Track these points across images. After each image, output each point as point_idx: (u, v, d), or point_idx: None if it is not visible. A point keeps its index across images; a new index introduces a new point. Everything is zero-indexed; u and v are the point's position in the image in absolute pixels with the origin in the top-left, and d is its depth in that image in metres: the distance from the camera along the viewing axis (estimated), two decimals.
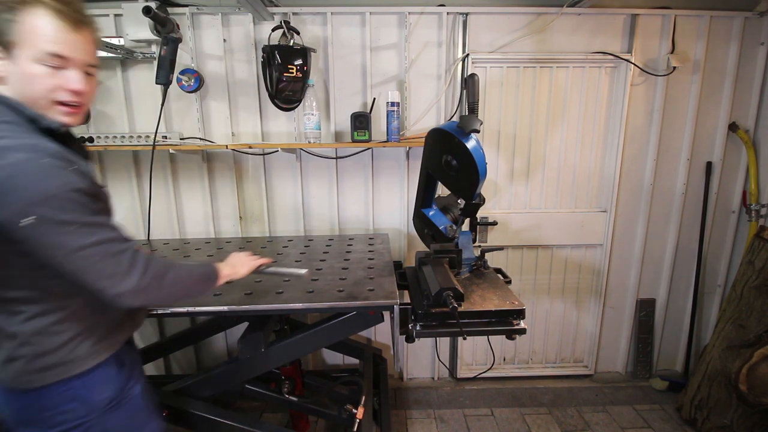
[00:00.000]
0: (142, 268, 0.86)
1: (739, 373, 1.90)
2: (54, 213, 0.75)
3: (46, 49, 0.80)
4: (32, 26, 0.78)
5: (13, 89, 0.81)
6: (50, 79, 0.82)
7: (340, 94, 2.16)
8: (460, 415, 2.23)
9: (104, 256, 0.81)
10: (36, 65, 0.80)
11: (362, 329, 1.51)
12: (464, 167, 1.31)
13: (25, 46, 0.79)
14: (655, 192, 2.31)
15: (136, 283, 0.85)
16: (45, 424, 0.90)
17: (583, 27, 2.11)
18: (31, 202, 0.73)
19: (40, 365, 0.87)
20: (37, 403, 0.89)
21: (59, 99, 0.84)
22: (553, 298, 2.47)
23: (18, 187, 0.72)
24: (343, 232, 2.31)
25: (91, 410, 0.92)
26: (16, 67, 0.80)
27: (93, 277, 0.81)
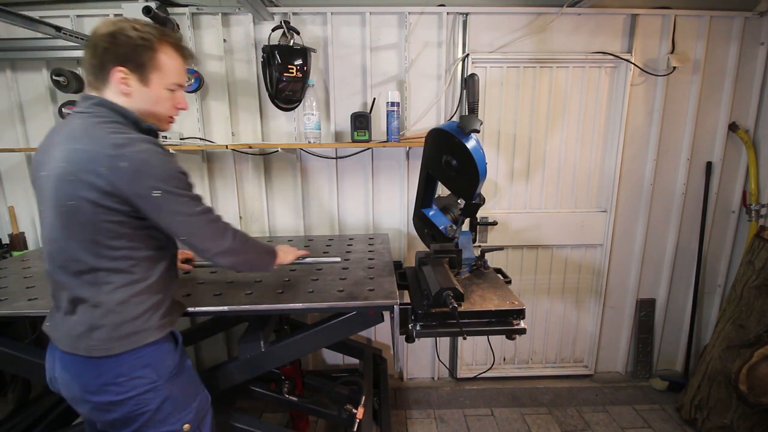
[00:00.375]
0: (232, 232, 1.11)
1: (739, 373, 1.90)
2: (174, 188, 0.96)
3: (174, 80, 1.04)
4: (166, 61, 1.01)
5: (137, 104, 1.01)
6: (171, 101, 1.07)
7: (340, 94, 2.16)
8: (460, 415, 2.23)
9: (208, 222, 1.04)
10: (164, 90, 1.03)
11: (362, 329, 1.51)
12: (464, 167, 1.31)
13: (159, 75, 1.01)
14: (655, 192, 2.31)
15: (230, 244, 1.09)
16: (120, 389, 1.00)
17: (583, 27, 2.11)
18: (161, 179, 0.93)
19: (121, 333, 0.99)
20: (115, 368, 0.99)
21: (172, 114, 1.10)
22: (553, 298, 2.47)
23: (151, 167, 0.92)
24: (343, 231, 2.31)
25: (160, 376, 1.04)
26: (147, 88, 1.01)
27: (200, 238, 1.03)
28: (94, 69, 0.98)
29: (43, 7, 2.02)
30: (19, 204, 2.23)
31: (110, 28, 0.96)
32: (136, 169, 0.90)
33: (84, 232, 0.94)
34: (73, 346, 0.99)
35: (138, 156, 0.91)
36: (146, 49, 0.97)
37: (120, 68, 0.96)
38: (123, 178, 0.90)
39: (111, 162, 0.89)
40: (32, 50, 2.01)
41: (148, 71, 0.99)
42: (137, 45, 0.96)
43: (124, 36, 0.95)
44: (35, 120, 2.16)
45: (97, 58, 0.97)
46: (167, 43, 1.01)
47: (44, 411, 1.76)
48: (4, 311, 1.27)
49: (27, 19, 1.48)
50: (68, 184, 0.91)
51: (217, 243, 1.06)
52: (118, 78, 0.97)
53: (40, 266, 1.72)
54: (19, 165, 2.21)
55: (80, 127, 0.94)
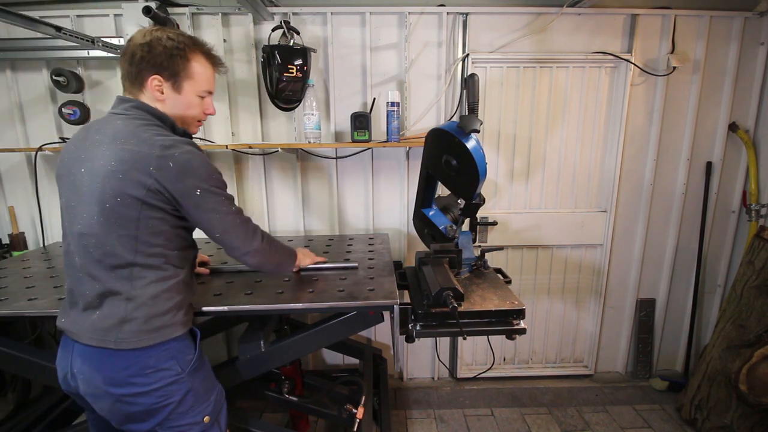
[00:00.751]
0: (260, 234, 1.19)
1: (739, 373, 1.90)
2: (214, 187, 1.04)
3: (204, 88, 1.11)
4: (198, 69, 1.08)
5: (170, 109, 1.08)
6: (201, 107, 1.13)
7: (340, 94, 2.16)
8: (460, 415, 2.23)
9: (241, 222, 1.13)
10: (195, 97, 1.10)
11: (362, 329, 1.51)
12: (464, 167, 1.31)
13: (191, 82, 1.08)
14: (655, 192, 2.31)
15: (259, 244, 1.17)
16: (147, 380, 1.03)
17: (583, 27, 2.11)
18: (202, 179, 1.01)
19: (151, 326, 1.03)
20: (143, 360, 1.03)
21: (201, 119, 1.16)
22: (553, 298, 2.47)
23: (194, 168, 0.99)
24: (343, 231, 2.31)
25: (184, 368, 1.08)
26: (179, 95, 1.08)
27: (234, 236, 1.11)
28: (131, 76, 1.05)
29: (43, 7, 2.02)
30: (19, 204, 2.23)
31: (147, 38, 1.02)
32: (181, 169, 0.97)
33: (126, 227, 0.98)
34: (101, 339, 1.01)
35: (183, 157, 0.98)
36: (180, 59, 1.04)
37: (155, 76, 1.03)
38: (169, 177, 0.97)
39: (159, 162, 0.96)
40: (32, 50, 2.01)
41: (181, 79, 1.06)
42: (172, 54, 1.03)
43: (160, 45, 1.02)
44: (35, 120, 2.16)
45: (135, 66, 1.03)
46: (199, 52, 1.08)
47: (44, 411, 1.76)
48: (4, 311, 1.27)
49: (27, 19, 1.48)
50: (118, 182, 0.95)
51: (248, 243, 1.14)
52: (153, 85, 1.04)
53: (41, 266, 1.72)
54: (19, 165, 2.21)
55: (125, 128, 1.00)
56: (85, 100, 2.11)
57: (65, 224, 1.07)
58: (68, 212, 1.05)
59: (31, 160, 2.16)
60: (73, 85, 2.02)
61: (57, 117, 2.10)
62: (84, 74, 2.09)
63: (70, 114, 2.04)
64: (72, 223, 1.04)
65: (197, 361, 1.12)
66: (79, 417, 1.85)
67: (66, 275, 1.09)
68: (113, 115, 1.05)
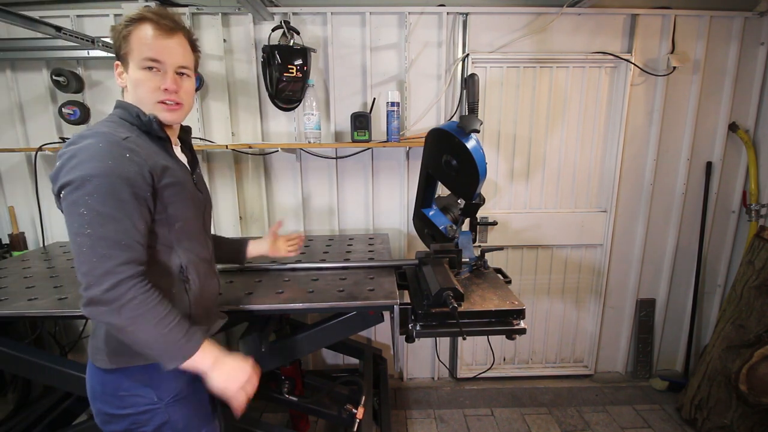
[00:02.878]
0: (120, 281, 0.81)
1: (739, 373, 1.90)
2: (79, 194, 0.81)
3: (144, 55, 0.91)
4: (137, 37, 0.91)
5: (131, 95, 0.95)
6: (150, 81, 0.93)
7: (340, 94, 2.16)
8: (460, 415, 2.23)
9: (90, 248, 0.81)
10: (140, 71, 0.92)
11: (362, 329, 1.51)
12: (464, 167, 1.31)
13: (132, 56, 0.92)
14: (655, 192, 2.31)
15: (104, 293, 0.80)
16: (120, 403, 0.96)
17: (583, 27, 2.11)
18: (72, 178, 0.81)
19: (110, 348, 0.93)
20: (116, 381, 0.95)
21: (159, 99, 0.94)
22: (553, 298, 2.47)
23: (71, 164, 0.82)
24: (343, 231, 2.31)
25: (160, 398, 0.97)
26: (129, 75, 0.94)
27: (78, 265, 0.82)
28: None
29: (43, 7, 2.02)
30: (19, 204, 2.23)
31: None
32: (61, 164, 0.83)
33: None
34: (88, 351, 0.99)
35: (71, 151, 0.83)
36: (124, 37, 0.92)
37: (116, 63, 0.96)
38: (52, 176, 0.86)
39: (57, 159, 0.86)
40: (32, 50, 2.01)
41: (127, 56, 0.92)
42: (118, 32, 0.92)
43: (114, 31, 0.94)
44: (35, 120, 2.16)
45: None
46: (139, 21, 0.91)
47: (44, 411, 1.76)
48: (4, 311, 1.27)
49: (27, 19, 1.48)
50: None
51: (90, 281, 0.81)
52: (117, 74, 0.97)
53: (41, 266, 1.73)
54: (19, 165, 2.21)
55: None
56: (85, 100, 2.11)
57: None
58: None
59: (31, 160, 2.16)
60: (73, 85, 2.02)
61: (57, 117, 2.10)
62: (84, 74, 2.09)
63: (70, 114, 2.04)
64: None
65: (182, 393, 0.99)
66: (79, 417, 1.85)
67: None
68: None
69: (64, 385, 1.41)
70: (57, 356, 1.44)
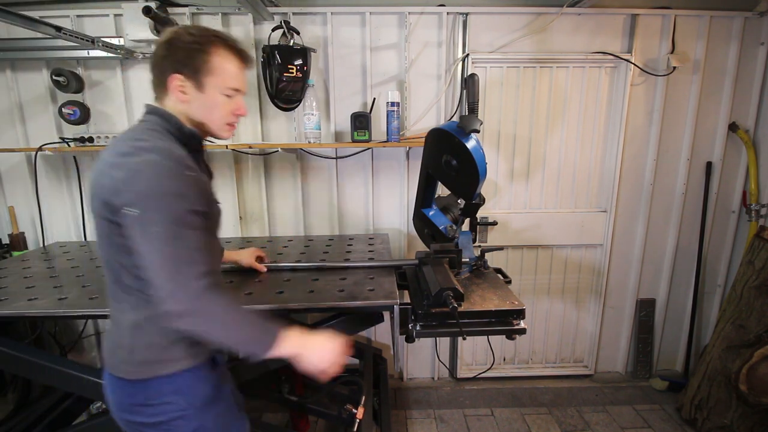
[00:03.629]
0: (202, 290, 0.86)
1: (739, 373, 1.90)
2: (150, 210, 0.83)
3: (229, 85, 0.97)
4: (220, 64, 0.95)
5: (195, 111, 0.97)
6: (228, 106, 0.99)
7: (340, 94, 2.16)
8: (460, 415, 2.23)
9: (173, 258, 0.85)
10: (220, 96, 0.97)
11: (362, 329, 1.51)
12: (464, 167, 1.31)
13: (214, 80, 0.95)
14: (655, 192, 2.31)
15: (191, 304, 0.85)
16: (152, 410, 0.96)
17: (583, 27, 2.11)
18: (140, 196, 0.82)
19: (137, 359, 0.94)
20: (145, 391, 0.95)
21: (230, 121, 1.02)
22: (553, 298, 2.47)
23: (137, 181, 0.82)
24: (343, 231, 2.31)
25: (190, 404, 0.98)
26: (202, 94, 0.95)
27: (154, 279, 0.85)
28: (155, 78, 0.96)
29: (43, 7, 2.02)
30: (19, 204, 2.23)
31: (167, 36, 0.94)
32: (124, 179, 0.83)
33: (103, 247, 0.91)
34: (107, 362, 0.97)
35: (134, 166, 0.83)
36: (200, 53, 0.93)
37: (176, 75, 0.93)
38: (112, 189, 0.84)
39: (109, 173, 0.84)
40: (32, 50, 2.01)
41: (202, 76, 0.94)
42: (192, 49, 0.92)
43: (179, 42, 0.92)
44: (35, 120, 2.16)
45: (158, 68, 0.95)
46: (222, 46, 0.95)
47: (44, 411, 1.76)
48: (4, 311, 1.27)
49: (27, 19, 1.48)
50: (92, 199, 0.90)
51: (174, 290, 0.84)
52: (175, 86, 0.94)
53: (41, 266, 1.73)
54: (19, 165, 2.21)
55: (118, 138, 0.92)
56: (85, 100, 2.11)
57: None
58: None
59: (31, 160, 2.16)
60: (73, 85, 2.02)
61: (57, 117, 2.10)
62: (84, 74, 2.09)
63: (70, 114, 2.04)
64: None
65: (212, 396, 1.01)
66: (79, 417, 1.85)
67: None
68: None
69: (64, 385, 1.41)
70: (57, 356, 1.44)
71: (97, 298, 1.37)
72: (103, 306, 1.31)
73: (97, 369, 1.34)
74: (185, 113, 0.97)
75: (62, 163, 2.21)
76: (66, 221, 2.27)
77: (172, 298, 0.84)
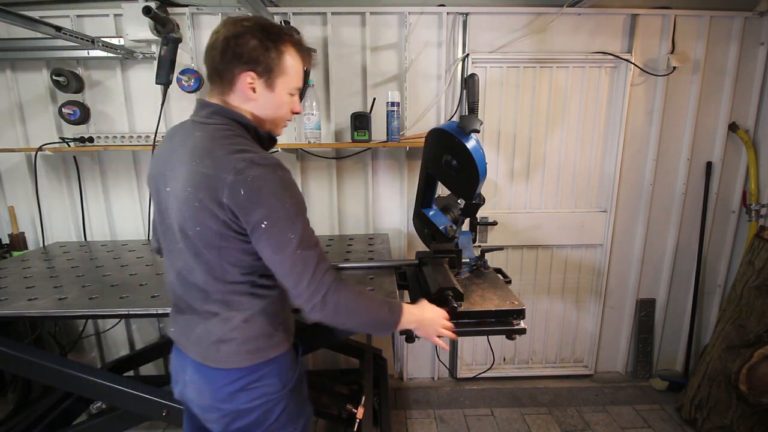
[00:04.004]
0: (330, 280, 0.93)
1: (739, 373, 1.90)
2: (281, 220, 0.88)
3: (296, 84, 0.99)
4: (291, 63, 0.96)
5: (260, 109, 0.97)
6: (290, 104, 1.01)
7: (340, 94, 2.16)
8: (460, 415, 2.23)
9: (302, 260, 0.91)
10: (287, 95, 0.98)
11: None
12: (464, 167, 1.31)
13: (284, 80, 0.96)
14: (655, 192, 2.31)
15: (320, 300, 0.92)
16: (249, 397, 0.99)
17: (583, 27, 2.11)
18: (271, 209, 0.86)
19: (248, 348, 0.98)
20: (246, 377, 0.98)
21: (289, 118, 1.05)
22: (553, 298, 2.47)
23: (264, 196, 0.86)
24: (343, 231, 2.31)
25: (284, 385, 1.03)
26: (272, 93, 0.96)
27: (290, 279, 0.91)
28: (220, 73, 0.92)
29: (43, 7, 2.02)
30: (19, 204, 2.23)
31: (233, 30, 0.89)
32: (251, 197, 0.85)
33: (210, 254, 0.92)
34: (203, 356, 0.99)
35: (255, 183, 0.85)
36: (273, 51, 0.91)
37: (249, 72, 0.91)
38: (240, 206, 0.85)
39: (231, 190, 0.84)
40: (32, 50, 2.01)
41: (275, 75, 0.94)
42: (267, 48, 0.91)
43: (250, 37, 0.89)
44: (35, 120, 2.16)
45: (223, 63, 0.91)
46: (291, 44, 0.95)
47: (44, 411, 1.76)
48: (4, 311, 1.27)
49: (27, 19, 1.48)
50: (195, 210, 0.88)
51: (315, 291, 0.91)
52: (246, 84, 0.92)
53: (41, 266, 1.73)
54: (19, 165, 2.21)
55: (202, 144, 0.89)
56: (85, 100, 2.11)
57: (160, 234, 1.03)
58: (162, 227, 1.00)
59: (31, 160, 2.16)
60: (73, 85, 2.02)
61: (57, 117, 2.10)
62: (84, 74, 2.09)
63: (70, 114, 2.04)
64: (165, 239, 1.01)
65: (298, 379, 1.07)
66: (79, 417, 1.85)
67: (169, 283, 1.05)
68: (194, 124, 0.95)
69: (64, 385, 1.42)
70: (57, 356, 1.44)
71: (97, 298, 1.37)
72: (103, 306, 1.31)
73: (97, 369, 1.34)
74: (250, 111, 0.96)
75: (62, 163, 2.21)
76: (66, 221, 2.27)
77: (314, 296, 0.90)
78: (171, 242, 0.98)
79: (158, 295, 1.38)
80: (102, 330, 2.38)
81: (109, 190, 2.25)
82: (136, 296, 1.38)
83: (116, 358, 2.27)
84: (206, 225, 0.88)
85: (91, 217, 2.27)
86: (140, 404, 1.39)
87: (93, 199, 2.25)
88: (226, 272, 0.93)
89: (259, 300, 0.98)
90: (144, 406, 1.39)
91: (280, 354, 1.02)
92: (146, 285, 1.49)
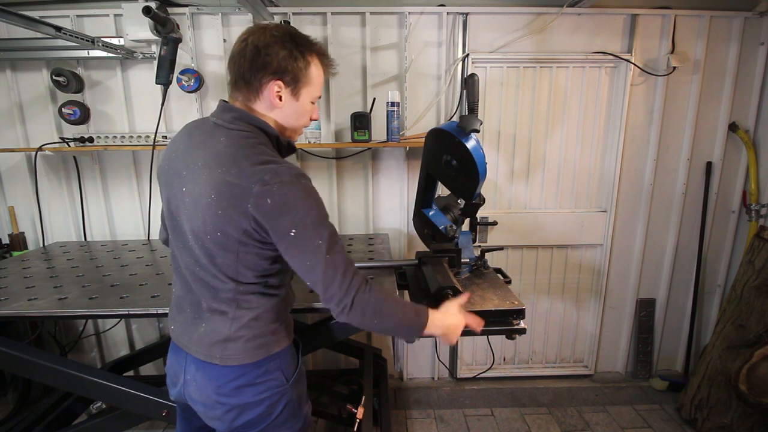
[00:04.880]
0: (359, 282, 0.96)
1: (739, 373, 1.90)
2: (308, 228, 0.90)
3: (318, 94, 1.02)
4: (315, 74, 0.98)
5: (283, 117, 0.99)
6: (311, 112, 1.04)
7: (340, 94, 2.16)
8: (460, 415, 2.23)
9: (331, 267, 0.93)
10: (309, 103, 1.01)
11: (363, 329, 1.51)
12: (464, 167, 1.31)
13: (309, 89, 0.98)
14: (655, 192, 2.31)
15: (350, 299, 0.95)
16: (255, 391, 1.01)
17: (583, 27, 2.11)
18: (298, 217, 0.88)
19: (255, 344, 1.00)
20: (252, 372, 1.00)
21: (306, 126, 1.07)
22: (553, 298, 2.47)
23: (291, 205, 0.87)
24: (343, 231, 2.31)
25: (287, 379, 1.05)
26: (296, 102, 0.98)
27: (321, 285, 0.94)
28: (247, 80, 0.93)
29: (43, 7, 2.02)
30: (19, 204, 2.23)
31: (262, 39, 0.91)
32: (278, 207, 0.86)
33: (227, 257, 0.93)
34: (207, 354, 0.99)
35: (281, 192, 0.86)
36: (301, 62, 0.94)
37: (277, 82, 0.93)
38: (266, 216, 0.87)
39: (257, 200, 0.85)
40: (32, 50, 2.01)
41: (300, 85, 0.96)
42: (294, 58, 0.92)
43: (279, 47, 0.91)
44: (35, 120, 2.16)
45: (253, 71, 0.91)
46: (316, 56, 0.98)
47: (44, 411, 1.76)
48: (4, 311, 1.27)
49: (27, 19, 1.48)
50: (217, 217, 0.88)
51: (346, 293, 0.94)
52: (273, 92, 0.93)
53: (41, 266, 1.73)
54: (19, 165, 2.21)
55: (227, 151, 0.89)
56: (85, 100, 2.11)
57: (168, 228, 1.03)
58: (171, 223, 1.00)
59: (31, 160, 2.16)
60: (73, 85, 2.02)
61: (57, 117, 2.10)
62: (84, 74, 2.09)
63: (70, 114, 2.05)
64: (174, 235, 1.01)
65: (300, 372, 1.10)
66: (79, 417, 1.85)
67: (174, 279, 1.06)
68: (217, 127, 0.94)
69: (64, 385, 1.41)
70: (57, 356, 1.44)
71: (97, 298, 1.37)
72: (103, 306, 1.31)
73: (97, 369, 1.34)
74: (273, 118, 0.98)
75: (62, 163, 2.21)
76: (66, 221, 2.27)
77: (344, 298, 0.93)
78: (179, 239, 0.99)
79: (158, 295, 1.38)
80: (102, 330, 2.38)
81: (109, 190, 2.25)
82: (136, 296, 1.38)
83: (116, 358, 2.27)
84: (227, 232, 0.89)
85: (91, 217, 2.27)
86: (140, 404, 1.39)
87: (93, 199, 2.25)
88: (240, 274, 0.94)
89: (267, 299, 1.00)
90: (144, 406, 1.39)
91: (282, 349, 1.04)
92: (146, 285, 1.49)
